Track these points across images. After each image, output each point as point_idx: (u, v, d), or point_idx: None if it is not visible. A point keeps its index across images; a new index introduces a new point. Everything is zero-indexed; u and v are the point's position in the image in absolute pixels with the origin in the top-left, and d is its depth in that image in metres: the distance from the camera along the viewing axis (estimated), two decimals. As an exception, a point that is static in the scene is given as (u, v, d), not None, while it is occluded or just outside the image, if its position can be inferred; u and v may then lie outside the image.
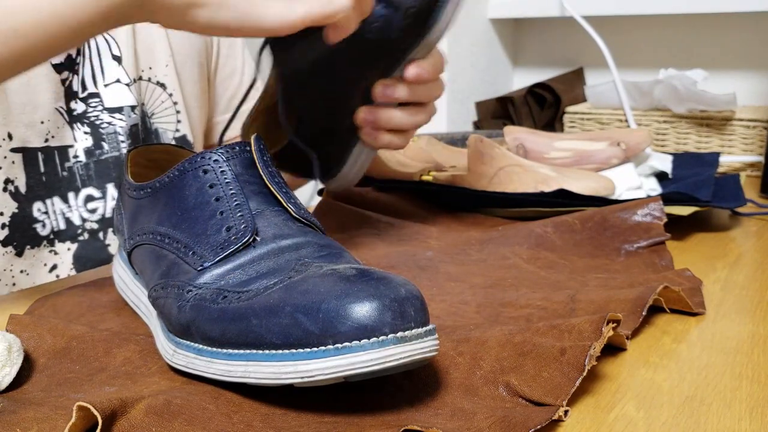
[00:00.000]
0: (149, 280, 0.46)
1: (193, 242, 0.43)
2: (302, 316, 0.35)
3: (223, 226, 0.43)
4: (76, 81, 0.71)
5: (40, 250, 0.68)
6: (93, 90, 0.73)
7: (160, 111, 0.79)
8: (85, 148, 0.71)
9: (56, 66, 0.69)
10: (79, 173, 0.71)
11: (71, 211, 0.70)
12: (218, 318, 0.39)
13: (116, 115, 0.73)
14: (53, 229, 0.69)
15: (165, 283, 0.44)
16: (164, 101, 0.79)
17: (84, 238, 0.71)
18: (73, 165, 0.70)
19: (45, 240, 0.69)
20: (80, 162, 0.71)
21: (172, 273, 0.44)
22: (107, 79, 0.73)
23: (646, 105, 1.08)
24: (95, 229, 0.72)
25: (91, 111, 0.72)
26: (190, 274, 0.42)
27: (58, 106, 0.69)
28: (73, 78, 0.71)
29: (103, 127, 0.73)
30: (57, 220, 0.69)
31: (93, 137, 0.72)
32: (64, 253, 0.70)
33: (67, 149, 0.70)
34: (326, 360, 0.35)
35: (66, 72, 0.70)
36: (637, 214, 0.65)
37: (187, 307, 0.41)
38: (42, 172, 0.68)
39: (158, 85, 0.78)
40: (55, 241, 0.70)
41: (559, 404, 0.36)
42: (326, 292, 0.36)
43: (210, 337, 0.39)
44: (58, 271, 0.71)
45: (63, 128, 0.70)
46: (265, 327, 0.36)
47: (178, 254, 0.44)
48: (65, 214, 0.70)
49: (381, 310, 0.35)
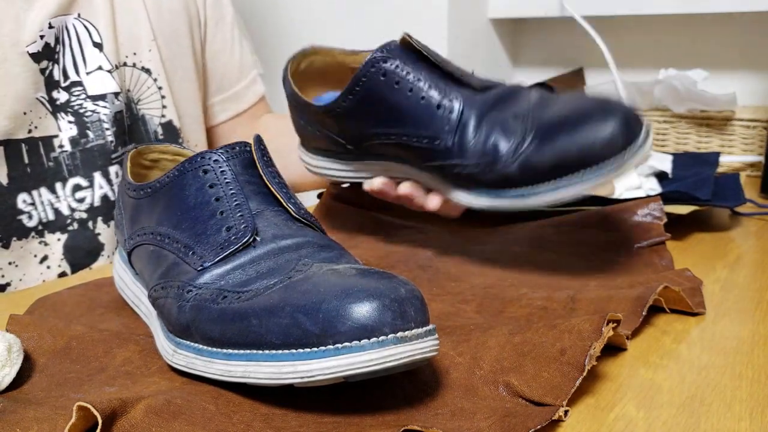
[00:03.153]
0: (149, 280, 0.46)
1: (193, 242, 0.43)
2: (302, 316, 0.35)
3: (223, 226, 0.43)
4: (57, 70, 0.71)
5: (28, 241, 0.68)
6: (75, 78, 0.72)
7: (146, 97, 0.79)
8: (71, 138, 0.71)
9: (33, 55, 0.68)
10: (66, 163, 0.71)
11: (59, 202, 0.70)
12: (218, 318, 0.39)
13: (100, 103, 0.73)
14: (41, 220, 0.69)
15: (165, 283, 0.44)
16: (149, 87, 0.79)
17: (74, 228, 0.71)
18: (58, 155, 0.70)
19: (33, 231, 0.69)
20: (66, 152, 0.71)
21: (172, 273, 0.43)
22: (89, 67, 0.73)
23: (646, 105, 1.08)
24: (84, 218, 0.72)
25: (75, 100, 0.72)
26: (190, 274, 0.42)
27: (39, 96, 0.69)
28: (53, 67, 0.70)
29: (87, 115, 0.72)
30: (45, 210, 0.69)
31: (78, 126, 0.71)
32: (54, 244, 0.70)
33: (52, 139, 0.70)
34: (326, 360, 0.35)
35: (45, 61, 0.69)
36: (637, 214, 0.65)
37: (187, 307, 0.41)
38: (26, 163, 0.68)
39: (143, 70, 0.78)
40: (45, 232, 0.70)
41: (559, 404, 0.36)
42: (326, 292, 0.36)
43: (210, 337, 0.39)
44: (48, 262, 0.71)
45: (46, 118, 0.70)
46: (265, 327, 0.36)
47: (178, 254, 0.44)
48: (53, 204, 0.70)
49: (381, 310, 0.35)
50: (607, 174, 0.48)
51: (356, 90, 0.55)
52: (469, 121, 0.52)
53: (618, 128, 0.47)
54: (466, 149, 0.51)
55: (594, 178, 0.48)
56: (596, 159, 0.47)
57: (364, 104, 0.55)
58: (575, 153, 0.48)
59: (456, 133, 0.52)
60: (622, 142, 0.47)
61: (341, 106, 0.57)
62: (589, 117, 0.48)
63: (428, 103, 0.52)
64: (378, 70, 0.54)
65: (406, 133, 0.54)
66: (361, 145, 0.57)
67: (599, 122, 0.47)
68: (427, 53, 0.55)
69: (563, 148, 0.48)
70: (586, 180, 0.48)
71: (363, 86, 0.55)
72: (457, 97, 0.52)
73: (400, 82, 0.54)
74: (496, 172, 0.50)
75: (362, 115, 0.56)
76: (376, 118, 0.55)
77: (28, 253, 0.69)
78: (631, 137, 0.47)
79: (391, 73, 0.54)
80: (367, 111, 0.56)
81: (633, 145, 0.47)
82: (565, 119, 0.49)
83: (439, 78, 0.54)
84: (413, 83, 0.53)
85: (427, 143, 0.53)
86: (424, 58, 0.55)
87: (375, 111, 0.55)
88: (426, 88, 0.53)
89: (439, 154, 0.53)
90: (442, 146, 0.52)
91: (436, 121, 0.52)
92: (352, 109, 0.56)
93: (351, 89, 0.56)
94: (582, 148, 0.47)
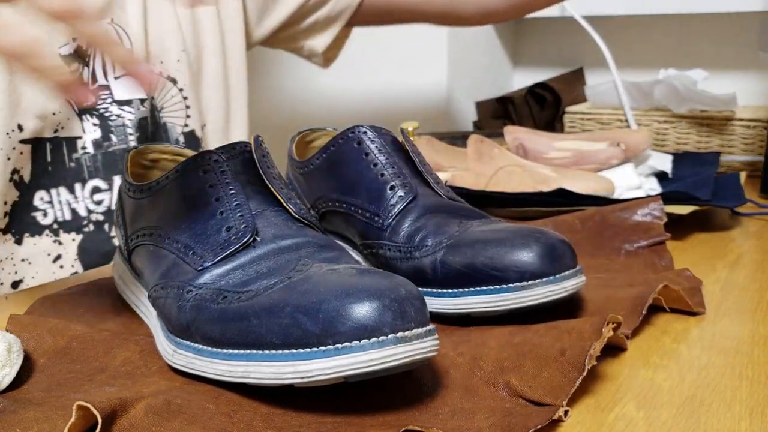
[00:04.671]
0: (149, 280, 0.46)
1: (193, 242, 0.43)
2: (302, 316, 0.35)
3: (223, 226, 0.43)
4: (86, 73, 0.71)
5: (41, 239, 0.69)
6: (103, 82, 0.73)
7: (170, 106, 0.79)
8: (94, 140, 0.72)
9: (65, 57, 0.69)
10: (87, 165, 0.71)
11: (77, 202, 0.71)
12: (218, 318, 0.39)
13: (125, 108, 0.74)
14: (56, 219, 0.69)
15: (165, 283, 0.44)
16: (174, 96, 0.79)
17: (89, 229, 0.72)
18: (81, 156, 0.71)
19: (47, 229, 0.69)
20: (88, 153, 0.71)
21: (172, 273, 0.43)
22: (117, 72, 0.74)
23: (646, 105, 1.08)
24: (101, 220, 0.72)
25: (101, 103, 0.72)
26: (190, 274, 0.42)
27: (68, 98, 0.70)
28: (83, 70, 0.71)
29: (111, 119, 0.73)
30: (62, 210, 0.70)
31: (101, 129, 0.72)
32: (68, 244, 0.71)
33: (76, 141, 0.71)
34: (326, 360, 0.35)
35: (76, 64, 0.70)
36: (637, 213, 0.65)
37: (187, 307, 0.41)
38: (48, 162, 0.69)
39: (169, 79, 0.78)
40: (60, 231, 0.70)
41: (559, 404, 0.36)
42: (326, 292, 0.36)
43: (210, 337, 0.39)
44: (62, 262, 0.71)
45: (72, 119, 0.70)
46: (266, 327, 0.36)
47: (178, 254, 0.44)
48: (71, 204, 0.70)
49: (381, 310, 0.35)
50: (513, 295, 0.46)
51: (330, 149, 0.56)
52: (412, 211, 0.52)
53: (537, 257, 0.46)
54: (398, 233, 0.52)
55: (498, 295, 0.46)
56: (506, 279, 0.46)
57: (332, 166, 0.56)
58: (487, 266, 0.47)
59: (396, 217, 0.52)
60: (538, 270, 0.46)
61: (314, 163, 0.58)
62: (514, 240, 0.47)
63: (384, 181, 0.53)
64: (356, 136, 0.55)
65: (355, 203, 0.54)
66: (318, 210, 0.58)
67: (523, 247, 0.46)
68: (410, 151, 0.55)
69: (476, 259, 0.47)
70: (490, 293, 0.47)
71: (337, 148, 0.56)
72: (414, 189, 0.53)
73: (369, 155, 0.54)
74: (412, 261, 0.50)
75: (326, 176, 0.57)
76: (337, 181, 0.56)
77: (42, 251, 0.69)
78: (547, 270, 0.46)
79: (365, 144, 0.55)
80: (331, 173, 0.56)
81: (548, 277, 0.46)
82: (495, 236, 0.48)
83: (409, 170, 0.55)
84: (380, 161, 0.54)
85: (369, 217, 0.53)
86: (406, 151, 0.56)
87: (337, 175, 0.56)
88: (390, 170, 0.54)
89: (374, 232, 0.53)
90: (379, 223, 0.53)
91: (384, 199, 0.53)
92: (320, 169, 0.57)
93: (326, 148, 0.56)
94: (495, 264, 0.46)
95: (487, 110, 1.35)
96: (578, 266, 0.48)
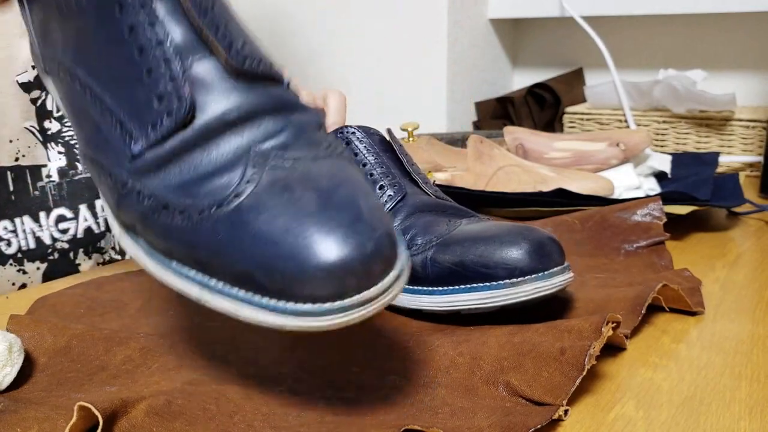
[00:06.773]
0: (75, 133, 0.36)
1: (117, 107, 0.32)
2: (261, 274, 0.29)
3: (152, 92, 0.31)
4: (50, 100, 0.70)
5: (5, 269, 0.67)
6: None
7: None
8: (59, 168, 0.70)
9: (23, 85, 0.68)
10: (52, 193, 0.70)
11: (42, 231, 0.69)
12: (163, 234, 0.32)
13: None
14: (20, 248, 0.68)
15: (93, 157, 0.34)
16: None
17: (54, 257, 0.70)
18: (45, 185, 0.69)
19: (11, 258, 0.68)
20: (53, 182, 0.70)
21: (98, 144, 0.33)
22: None
23: (646, 105, 1.08)
24: (66, 248, 0.71)
25: (66, 130, 0.71)
26: (119, 156, 0.32)
27: (29, 126, 0.68)
28: (46, 97, 0.70)
29: (77, 147, 0.71)
30: (27, 239, 0.68)
31: (67, 157, 0.71)
32: (33, 273, 0.69)
33: (40, 169, 0.69)
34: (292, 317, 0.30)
35: (36, 90, 0.69)
36: (637, 213, 0.65)
37: (125, 206, 0.33)
38: (11, 191, 0.67)
39: None
40: (24, 260, 0.69)
41: (559, 404, 0.37)
42: (288, 230, 0.29)
43: (158, 248, 0.32)
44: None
45: (35, 147, 0.69)
46: (219, 265, 0.30)
47: (102, 119, 0.33)
48: (36, 233, 0.69)
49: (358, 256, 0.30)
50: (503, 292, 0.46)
51: None
52: (401, 210, 0.53)
53: (526, 254, 0.46)
54: None
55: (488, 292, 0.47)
56: (495, 276, 0.46)
57: None
58: (476, 264, 0.47)
59: None
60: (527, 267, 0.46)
61: None
62: (503, 238, 0.47)
63: (373, 181, 0.54)
64: (344, 136, 0.56)
65: None
66: None
67: (511, 244, 0.47)
68: (398, 151, 0.56)
69: (466, 257, 0.47)
70: (480, 290, 0.47)
71: None
72: (403, 189, 0.54)
73: (358, 155, 0.55)
74: None
75: None
76: None
77: (6, 281, 0.68)
78: (536, 266, 0.46)
79: (354, 144, 0.55)
80: None
81: (537, 274, 0.46)
82: (483, 234, 0.48)
83: (398, 170, 0.55)
84: (369, 161, 0.55)
85: None
86: (394, 151, 0.57)
87: None
88: (379, 170, 0.54)
89: None
90: None
91: None
92: None
93: None
94: (484, 262, 0.47)
95: (486, 110, 1.36)
96: (566, 263, 0.48)
